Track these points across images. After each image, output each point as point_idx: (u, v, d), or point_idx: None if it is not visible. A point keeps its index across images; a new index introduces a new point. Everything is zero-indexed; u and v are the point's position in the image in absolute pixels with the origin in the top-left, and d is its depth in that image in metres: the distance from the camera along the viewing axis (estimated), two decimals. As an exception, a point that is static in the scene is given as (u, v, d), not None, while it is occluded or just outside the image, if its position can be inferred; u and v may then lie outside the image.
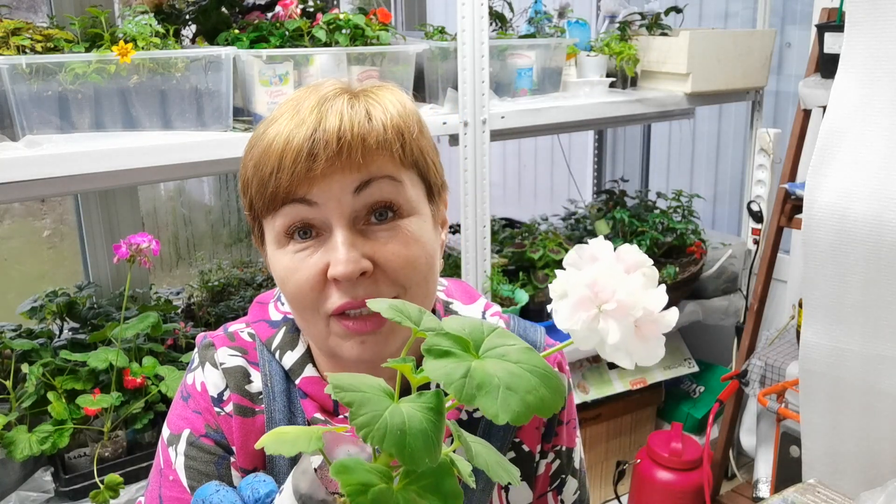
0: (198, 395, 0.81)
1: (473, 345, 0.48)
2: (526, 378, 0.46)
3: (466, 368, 0.45)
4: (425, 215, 0.75)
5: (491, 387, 0.44)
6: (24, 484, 1.45)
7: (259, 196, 0.71)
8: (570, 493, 0.92)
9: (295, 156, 0.68)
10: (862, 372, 1.48)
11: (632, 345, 0.48)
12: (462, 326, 0.50)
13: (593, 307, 0.48)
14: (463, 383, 0.44)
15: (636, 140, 3.22)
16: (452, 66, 1.79)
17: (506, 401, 0.44)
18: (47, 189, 1.47)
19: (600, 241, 0.51)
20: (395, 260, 0.71)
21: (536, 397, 0.45)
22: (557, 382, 0.47)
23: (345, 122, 0.68)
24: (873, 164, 1.44)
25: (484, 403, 0.43)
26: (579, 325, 0.48)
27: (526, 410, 0.44)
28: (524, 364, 0.47)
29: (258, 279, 2.18)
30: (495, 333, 0.50)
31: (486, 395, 0.44)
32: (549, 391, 0.46)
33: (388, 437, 0.43)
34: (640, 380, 2.40)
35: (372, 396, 0.45)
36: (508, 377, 0.45)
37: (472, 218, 1.87)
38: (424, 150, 0.75)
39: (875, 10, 1.46)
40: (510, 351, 0.48)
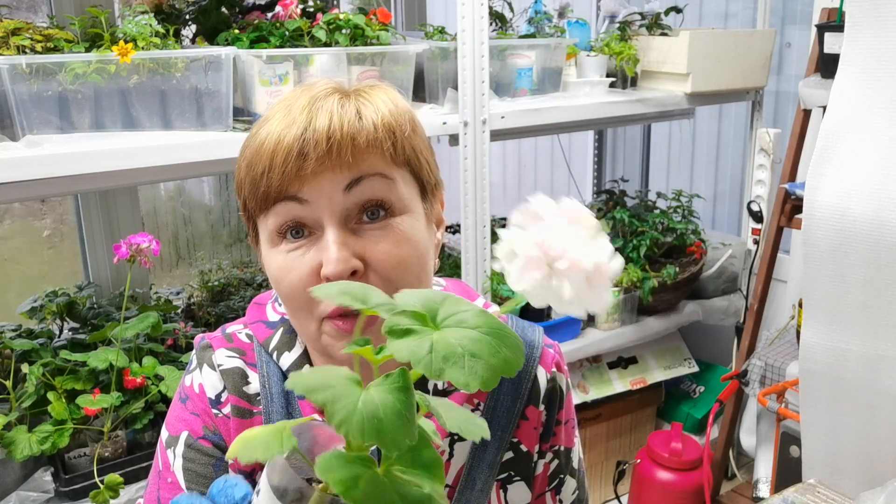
0: (196, 396, 0.81)
1: (430, 316, 0.48)
2: (487, 342, 0.46)
3: (430, 343, 0.45)
4: (418, 214, 0.75)
5: (456, 357, 0.45)
6: (24, 484, 1.46)
7: (252, 196, 0.72)
8: (569, 493, 0.92)
9: (285, 155, 0.68)
10: (862, 372, 1.48)
11: (584, 296, 0.49)
12: (415, 299, 0.50)
13: (544, 266, 0.49)
14: (430, 359, 0.44)
15: (636, 140, 3.22)
16: (452, 66, 1.79)
17: (473, 368, 0.44)
18: (47, 189, 1.47)
19: (541, 197, 0.52)
20: (387, 259, 0.71)
21: (500, 359, 0.45)
22: (515, 339, 0.47)
23: (334, 121, 0.69)
24: (873, 164, 1.44)
25: (453, 375, 0.44)
26: (532, 284, 0.49)
27: (493, 374, 0.45)
28: (482, 328, 0.47)
29: (258, 279, 2.18)
30: (448, 301, 0.50)
31: (453, 366, 0.44)
32: (511, 350, 0.46)
33: (366, 427, 0.43)
34: (640, 380, 2.40)
35: (342, 390, 0.45)
36: (471, 344, 0.46)
37: (472, 218, 1.87)
38: (417, 148, 0.75)
39: (875, 10, 1.46)
40: (467, 317, 0.48)
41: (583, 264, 0.49)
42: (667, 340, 2.49)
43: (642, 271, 2.26)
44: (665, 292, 2.32)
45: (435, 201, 0.79)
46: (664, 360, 2.48)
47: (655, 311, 2.36)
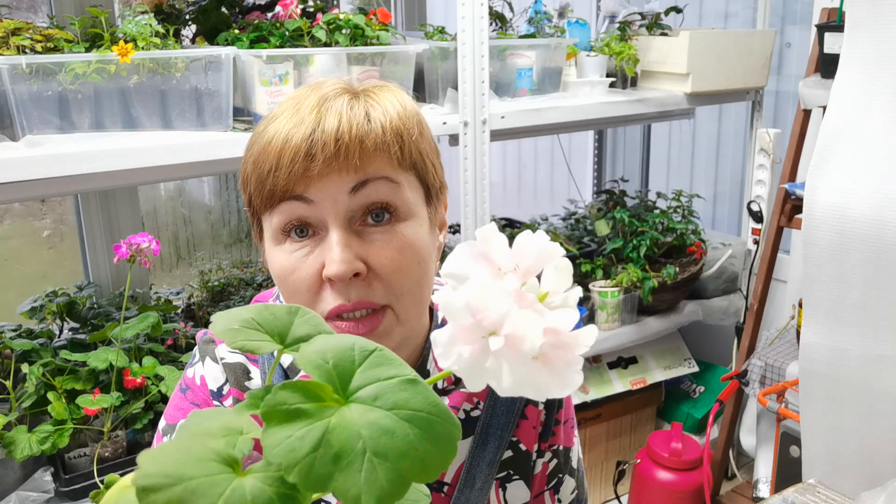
0: (197, 388, 0.82)
1: (340, 383, 0.37)
2: (402, 433, 0.34)
3: (321, 433, 0.33)
4: (422, 218, 0.75)
5: (353, 455, 0.33)
6: (24, 484, 1.45)
7: (257, 193, 0.72)
8: (568, 493, 0.92)
9: (293, 155, 0.68)
10: (862, 372, 1.48)
11: (536, 378, 0.36)
12: (324, 356, 0.38)
13: (478, 338, 0.36)
14: (311, 461, 0.32)
15: (636, 140, 3.22)
16: (452, 66, 1.79)
17: (371, 475, 0.32)
18: (47, 189, 1.47)
19: (489, 230, 0.39)
20: (389, 265, 0.71)
21: (414, 460, 0.34)
22: (446, 427, 0.36)
23: (343, 123, 0.69)
24: (873, 164, 1.44)
25: (342, 484, 0.32)
26: (461, 363, 0.36)
27: (398, 484, 0.33)
28: (401, 409, 0.35)
29: (258, 279, 2.18)
30: (370, 361, 0.38)
31: (345, 469, 0.33)
32: (434, 444, 0.34)
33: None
34: (640, 380, 2.40)
35: (199, 483, 0.33)
36: (377, 436, 0.34)
37: (472, 218, 1.87)
38: (423, 152, 0.75)
39: (875, 10, 1.46)
40: (385, 389, 0.36)
41: (527, 343, 0.35)
42: (667, 340, 2.49)
43: (642, 271, 2.26)
44: (665, 292, 2.32)
45: (439, 204, 0.79)
46: (664, 360, 2.48)
47: (655, 311, 2.36)
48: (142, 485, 0.32)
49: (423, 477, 0.34)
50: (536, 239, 0.38)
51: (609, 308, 2.23)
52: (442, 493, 0.84)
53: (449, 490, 0.84)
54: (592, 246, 2.41)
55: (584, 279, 2.27)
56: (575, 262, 2.26)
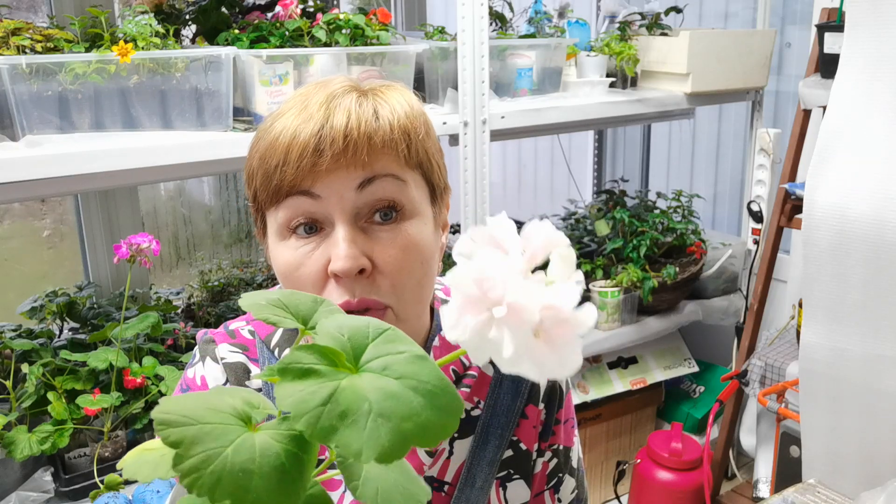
0: (197, 388, 0.82)
1: (353, 354, 0.39)
2: (407, 399, 0.36)
3: (330, 391, 0.35)
4: (427, 217, 0.75)
5: (358, 414, 0.35)
6: (24, 484, 1.45)
7: (263, 188, 0.72)
8: (568, 492, 0.92)
9: (301, 150, 0.68)
10: (862, 372, 1.48)
11: (537, 354, 0.38)
12: (340, 329, 0.40)
13: (483, 310, 0.37)
14: (319, 413, 0.34)
15: (636, 140, 3.22)
16: (452, 66, 1.79)
17: (374, 432, 0.34)
18: (47, 189, 1.47)
19: (501, 218, 0.41)
20: (393, 263, 0.71)
21: (416, 424, 0.35)
22: (450, 399, 0.37)
23: (352, 119, 0.69)
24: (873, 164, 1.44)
25: (345, 437, 0.34)
26: (467, 333, 0.37)
27: (399, 444, 0.34)
28: (408, 379, 0.37)
29: (258, 279, 2.18)
30: (383, 337, 0.40)
31: (350, 426, 0.34)
32: (436, 413, 0.36)
33: (222, 482, 0.33)
34: (640, 380, 2.40)
35: (213, 428, 0.35)
36: (384, 399, 0.35)
37: (472, 218, 1.87)
38: (430, 151, 0.75)
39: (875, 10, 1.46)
40: (395, 361, 0.38)
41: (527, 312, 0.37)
42: (667, 340, 2.49)
43: (642, 271, 2.26)
44: (665, 292, 2.32)
45: (443, 205, 0.80)
46: (664, 360, 2.48)
47: (655, 311, 2.36)
48: (160, 418, 0.34)
49: (423, 441, 0.35)
50: (543, 227, 0.40)
51: (609, 308, 2.23)
52: (442, 492, 0.84)
53: (449, 489, 0.84)
54: (592, 246, 2.41)
55: (584, 279, 2.26)
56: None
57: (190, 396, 0.37)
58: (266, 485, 0.34)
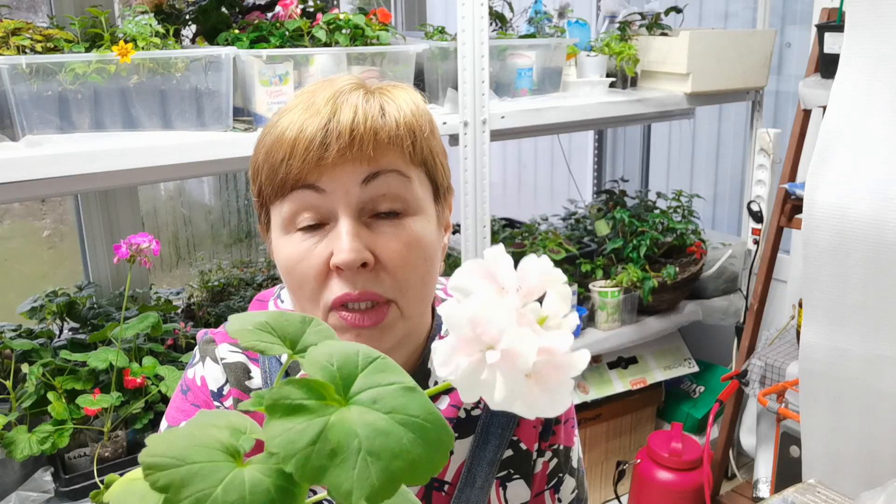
0: (197, 388, 0.82)
1: (343, 385, 0.38)
2: (396, 435, 0.35)
3: (319, 429, 0.35)
4: (430, 215, 0.76)
5: (348, 452, 0.34)
6: (24, 484, 1.45)
7: (269, 181, 0.72)
8: (568, 492, 0.92)
9: (307, 144, 0.69)
10: (862, 372, 1.48)
11: (528, 395, 0.38)
12: (330, 358, 0.39)
13: (476, 351, 0.38)
14: (308, 454, 0.34)
15: (636, 140, 3.22)
16: (452, 66, 1.79)
17: (364, 472, 0.34)
18: (47, 189, 1.47)
19: (497, 251, 0.40)
20: (397, 258, 0.71)
21: (406, 462, 0.35)
22: (439, 433, 0.37)
23: (359, 115, 0.70)
24: (873, 164, 1.44)
25: (335, 478, 0.33)
26: (458, 373, 0.37)
27: (389, 483, 0.34)
28: (398, 413, 0.36)
29: (258, 279, 2.18)
30: (373, 367, 0.39)
31: (339, 465, 0.34)
32: (426, 448, 0.36)
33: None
34: (640, 380, 2.40)
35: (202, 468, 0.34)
36: (373, 436, 0.35)
37: (472, 218, 1.87)
38: (434, 150, 0.76)
39: (875, 10, 1.46)
40: (385, 394, 0.37)
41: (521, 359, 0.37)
42: (667, 340, 2.49)
43: (642, 271, 2.26)
44: (665, 292, 2.31)
45: (446, 205, 0.80)
46: (664, 360, 2.48)
47: (655, 311, 2.36)
48: (147, 462, 0.34)
49: (413, 479, 0.35)
50: (540, 263, 0.40)
51: (609, 308, 2.23)
52: (443, 491, 0.84)
53: (449, 489, 0.84)
54: (592, 246, 2.41)
55: (584, 279, 2.27)
56: (575, 262, 2.26)
57: (176, 432, 0.37)
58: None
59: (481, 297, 0.38)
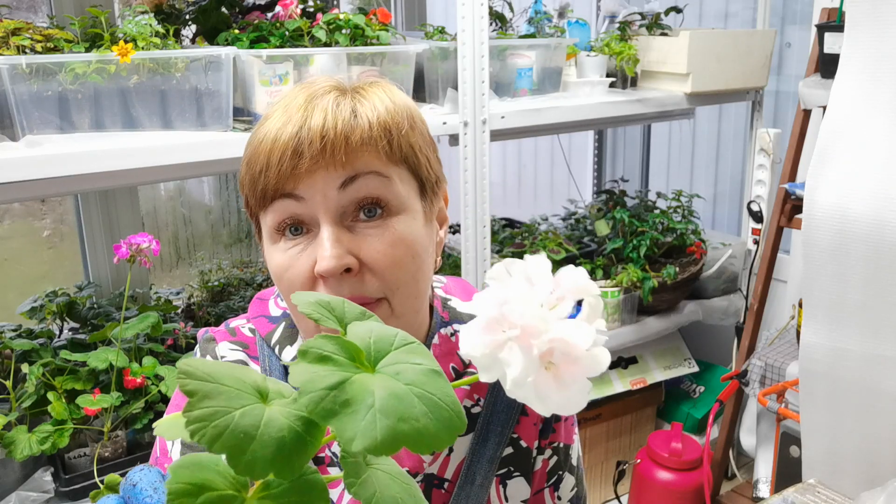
0: None
1: (374, 356, 0.41)
2: (410, 403, 0.37)
3: (340, 379, 0.37)
4: (416, 212, 0.75)
5: (361, 406, 0.36)
6: (24, 484, 1.45)
7: (251, 193, 0.73)
8: (567, 490, 0.92)
9: (281, 154, 0.69)
10: (862, 372, 1.48)
11: (543, 386, 0.38)
12: (370, 333, 0.42)
13: (499, 331, 0.39)
14: (324, 395, 0.36)
15: (636, 140, 3.22)
16: (452, 66, 1.79)
17: (370, 425, 0.36)
18: (47, 189, 1.47)
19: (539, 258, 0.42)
20: (382, 259, 0.71)
21: (413, 427, 0.36)
22: (452, 416, 0.38)
23: (328, 119, 0.69)
24: (873, 164, 1.44)
25: (342, 422, 0.36)
26: (479, 350, 0.39)
27: (391, 440, 0.36)
28: (416, 388, 0.38)
29: (258, 279, 2.18)
30: (406, 349, 0.42)
31: (349, 414, 0.36)
32: (435, 423, 0.37)
33: (224, 437, 0.35)
34: (640, 380, 2.40)
35: (229, 391, 0.37)
36: (388, 399, 0.37)
37: (472, 218, 1.87)
38: (415, 145, 0.74)
39: (875, 10, 1.46)
40: (409, 369, 0.40)
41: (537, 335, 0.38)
42: (667, 340, 2.49)
43: (642, 271, 2.26)
44: (665, 292, 2.32)
45: (436, 199, 0.79)
46: (664, 360, 2.48)
47: (655, 311, 2.36)
48: (183, 368, 0.37)
49: (415, 446, 0.36)
50: (577, 273, 0.41)
51: (609, 308, 2.23)
52: (442, 489, 0.84)
53: (449, 486, 0.84)
54: (592, 246, 2.41)
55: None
56: (575, 262, 2.26)
57: (219, 363, 0.39)
58: (262, 452, 0.35)
59: (512, 284, 0.40)
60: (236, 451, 0.35)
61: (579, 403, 0.39)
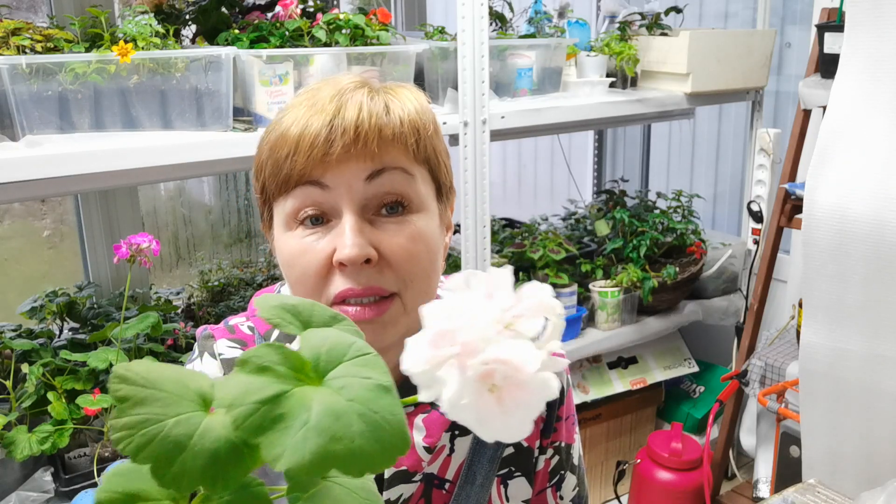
0: None
1: (323, 367, 0.37)
2: (348, 422, 0.34)
3: (276, 392, 0.34)
4: (433, 213, 0.76)
5: (294, 422, 0.33)
6: (24, 484, 1.45)
7: (273, 178, 0.73)
8: (569, 490, 0.92)
9: (312, 140, 0.69)
10: (862, 372, 1.48)
11: (484, 410, 0.36)
12: (324, 341, 0.39)
13: (442, 347, 0.36)
14: (255, 409, 0.33)
15: (636, 140, 3.22)
16: (452, 66, 1.79)
17: (301, 442, 0.33)
18: (47, 189, 1.47)
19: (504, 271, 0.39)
20: (400, 253, 0.72)
21: (346, 448, 0.33)
22: (393, 437, 0.35)
23: (363, 112, 0.70)
24: (873, 164, 1.44)
25: (270, 440, 0.33)
26: (421, 366, 0.36)
27: (320, 461, 0.33)
28: (358, 404, 0.35)
29: (258, 279, 2.18)
30: (359, 360, 0.38)
31: (280, 430, 0.33)
32: (373, 444, 0.34)
33: (151, 447, 0.33)
34: (640, 380, 2.40)
35: (167, 397, 0.34)
36: (326, 416, 0.34)
37: (472, 218, 1.87)
38: (437, 149, 0.77)
39: (875, 10, 1.46)
40: (354, 384, 0.36)
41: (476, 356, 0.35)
42: (667, 340, 2.49)
43: (642, 271, 2.26)
44: (665, 292, 2.31)
45: (448, 205, 0.81)
46: (664, 360, 2.48)
47: (655, 311, 2.36)
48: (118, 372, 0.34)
49: (348, 468, 0.34)
50: (541, 290, 0.39)
51: (609, 308, 2.23)
52: (443, 489, 0.84)
53: (450, 487, 0.84)
54: (592, 246, 2.41)
55: (584, 279, 2.27)
56: (575, 262, 2.26)
57: (169, 367, 0.37)
58: (192, 463, 0.33)
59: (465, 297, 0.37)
60: (163, 462, 0.33)
61: (522, 432, 0.37)
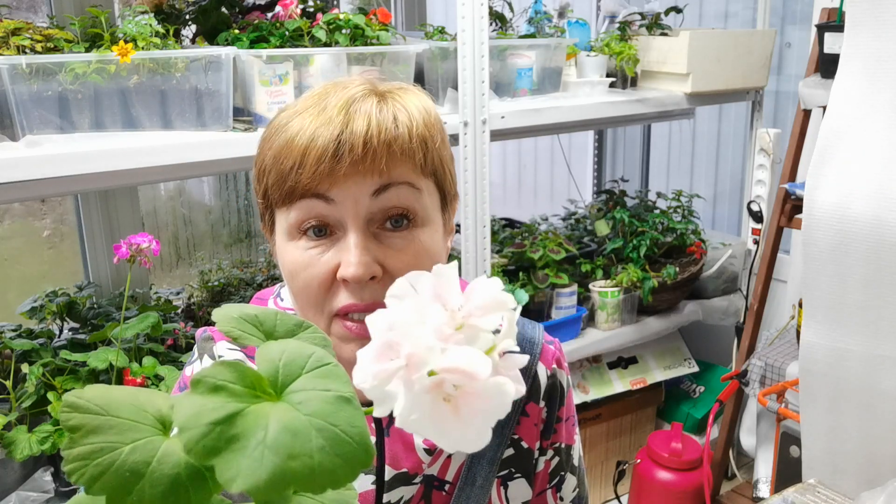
0: None
1: (282, 381, 0.36)
2: (306, 437, 0.33)
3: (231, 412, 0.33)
4: (437, 225, 0.76)
5: (249, 442, 0.32)
6: (24, 484, 1.45)
7: (276, 187, 0.71)
8: (569, 491, 0.92)
9: (319, 154, 0.68)
10: (862, 372, 1.48)
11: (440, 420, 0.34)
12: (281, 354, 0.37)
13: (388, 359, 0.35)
14: (208, 431, 0.32)
15: (636, 140, 3.22)
16: (452, 66, 1.79)
17: (255, 464, 0.31)
18: (47, 189, 1.47)
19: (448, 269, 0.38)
20: (405, 270, 0.71)
21: (304, 465, 0.32)
22: (355, 450, 0.34)
23: (372, 126, 0.69)
24: (873, 164, 1.44)
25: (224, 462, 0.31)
26: (368, 382, 0.35)
27: (277, 481, 0.31)
28: (318, 419, 0.34)
29: (258, 279, 2.18)
30: (319, 371, 0.37)
31: (235, 451, 0.32)
32: (333, 459, 0.33)
33: (106, 477, 0.31)
34: (640, 380, 2.40)
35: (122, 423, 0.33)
36: (282, 433, 0.32)
37: (472, 218, 1.87)
38: (444, 159, 0.76)
39: (875, 10, 1.46)
40: (313, 398, 0.35)
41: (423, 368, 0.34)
42: (667, 340, 2.49)
43: (642, 271, 2.26)
44: (665, 292, 2.31)
45: (451, 212, 0.80)
46: (664, 360, 2.48)
47: (655, 311, 2.36)
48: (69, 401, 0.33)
49: (307, 485, 0.32)
50: (489, 285, 0.37)
51: (609, 308, 2.23)
52: (443, 491, 0.84)
53: (450, 488, 0.84)
54: (592, 246, 2.41)
55: (584, 279, 2.27)
56: (575, 262, 2.26)
57: (120, 389, 0.36)
58: (151, 491, 0.32)
59: (410, 302, 0.36)
60: (119, 491, 0.31)
61: (482, 440, 0.36)
